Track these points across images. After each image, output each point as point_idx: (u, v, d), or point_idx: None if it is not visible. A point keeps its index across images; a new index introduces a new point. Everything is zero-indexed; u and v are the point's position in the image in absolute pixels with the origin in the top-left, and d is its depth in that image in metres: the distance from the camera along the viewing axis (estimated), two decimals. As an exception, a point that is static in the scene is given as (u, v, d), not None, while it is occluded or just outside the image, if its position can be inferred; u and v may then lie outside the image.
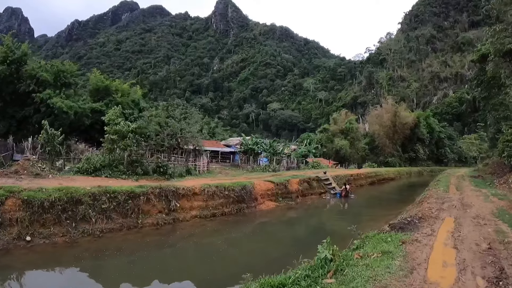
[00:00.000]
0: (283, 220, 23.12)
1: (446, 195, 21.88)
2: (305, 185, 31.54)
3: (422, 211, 15.60)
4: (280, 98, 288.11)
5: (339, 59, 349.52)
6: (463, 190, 25.52)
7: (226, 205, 22.41)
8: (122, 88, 50.63)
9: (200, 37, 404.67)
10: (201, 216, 20.40)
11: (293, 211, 25.62)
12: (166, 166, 29.20)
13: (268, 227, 21.16)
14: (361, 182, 46.40)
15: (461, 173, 52.28)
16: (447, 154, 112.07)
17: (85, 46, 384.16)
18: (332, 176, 37.54)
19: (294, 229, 20.52)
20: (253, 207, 24.18)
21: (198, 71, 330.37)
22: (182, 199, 20.26)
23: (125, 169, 25.84)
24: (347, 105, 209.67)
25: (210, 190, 21.92)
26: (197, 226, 19.18)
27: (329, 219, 24.07)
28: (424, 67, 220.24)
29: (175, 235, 17.63)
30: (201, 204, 21.12)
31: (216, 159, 62.27)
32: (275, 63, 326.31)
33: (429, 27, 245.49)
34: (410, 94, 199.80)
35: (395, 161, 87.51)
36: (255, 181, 26.65)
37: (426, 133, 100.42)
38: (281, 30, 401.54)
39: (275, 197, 26.84)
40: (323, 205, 30.19)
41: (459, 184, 31.60)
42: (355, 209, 28.24)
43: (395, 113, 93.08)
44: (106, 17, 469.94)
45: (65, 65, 48.34)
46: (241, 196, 23.43)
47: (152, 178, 25.81)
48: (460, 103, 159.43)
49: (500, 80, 40.17)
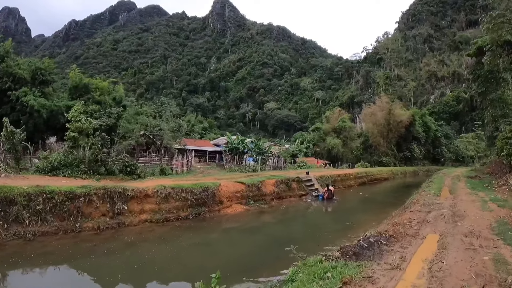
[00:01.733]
0: (246, 228, 20.07)
1: (436, 200, 18.90)
2: (282, 186, 28.64)
3: (396, 226, 12.62)
4: (277, 98, 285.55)
5: (336, 58, 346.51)
6: (457, 193, 22.40)
7: (182, 208, 20.09)
8: (102, 86, 49.32)
9: (197, 36, 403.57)
10: (152, 221, 18.45)
11: (263, 216, 22.72)
12: (134, 165, 27.70)
13: (223, 236, 18.32)
14: (349, 183, 43.39)
15: (457, 173, 49.19)
16: (444, 154, 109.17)
17: (82, 46, 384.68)
18: (316, 176, 34.60)
19: (253, 239, 17.38)
20: (217, 211, 21.59)
21: (195, 71, 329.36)
22: (131, 201, 18.48)
23: (86, 169, 24.42)
24: (344, 105, 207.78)
25: (164, 192, 19.68)
26: (143, 232, 17.17)
27: (299, 227, 20.81)
28: (421, 66, 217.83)
29: (112, 242, 15.48)
30: (153, 207, 19.08)
31: (204, 158, 60.93)
32: (272, 62, 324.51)
33: (426, 26, 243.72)
34: (407, 93, 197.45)
35: (390, 161, 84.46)
36: (223, 182, 24.02)
37: (422, 132, 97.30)
38: (278, 29, 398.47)
39: (246, 199, 24.17)
40: (301, 209, 26.91)
41: (453, 186, 28.48)
42: (335, 214, 25.49)
43: (389, 111, 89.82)
44: (103, 17, 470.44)
45: (44, 62, 47.32)
46: (201, 198, 20.92)
47: (117, 178, 24.66)
48: (457, 102, 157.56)
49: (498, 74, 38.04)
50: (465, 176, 39.74)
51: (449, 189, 25.72)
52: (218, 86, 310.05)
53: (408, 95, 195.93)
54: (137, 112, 45.33)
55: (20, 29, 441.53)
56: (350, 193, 37.92)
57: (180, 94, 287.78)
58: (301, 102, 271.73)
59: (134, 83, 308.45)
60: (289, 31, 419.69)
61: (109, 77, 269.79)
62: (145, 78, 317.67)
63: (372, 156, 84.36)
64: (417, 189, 28.52)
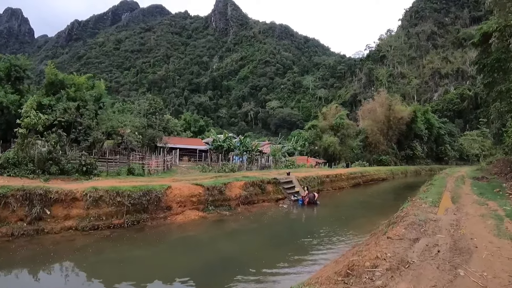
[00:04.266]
0: (189, 242, 15.88)
1: (432, 215, 13.01)
2: (252, 189, 24.58)
3: (348, 278, 7.25)
4: (279, 96, 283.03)
5: (339, 56, 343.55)
6: (461, 202, 16.87)
7: (117, 215, 17.08)
8: (78, 82, 47.11)
9: (200, 35, 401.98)
10: (78, 228, 16.01)
11: (220, 226, 18.93)
12: (91, 164, 24.89)
13: (153, 252, 14.24)
14: (340, 184, 39.50)
15: (461, 173, 44.73)
16: (448, 152, 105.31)
17: (84, 46, 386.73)
18: (300, 178, 30.84)
19: (190, 258, 13.35)
20: (162, 219, 18.22)
21: (197, 70, 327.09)
22: (55, 205, 16.23)
23: (35, 168, 22.32)
24: (347, 103, 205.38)
25: (95, 195, 16.70)
26: (62, 242, 14.63)
27: (254, 242, 16.23)
28: (424, 63, 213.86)
29: (19, 253, 13.14)
30: (81, 213, 16.57)
31: (194, 157, 57.78)
32: (275, 61, 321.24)
33: (429, 23, 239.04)
34: (411, 91, 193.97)
35: (390, 160, 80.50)
36: (176, 184, 20.55)
37: (425, 129, 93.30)
38: (281, 28, 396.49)
39: (204, 205, 20.56)
40: (271, 216, 22.29)
41: (456, 190, 22.96)
42: (310, 224, 21.04)
43: (389, 107, 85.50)
44: (106, 17, 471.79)
45: (19, 59, 47.59)
46: (141, 204, 17.68)
47: (71, 179, 22.36)
48: (461, 100, 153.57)
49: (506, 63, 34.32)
50: (470, 177, 35.23)
51: (451, 195, 20.13)
52: (220, 85, 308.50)
53: (411, 92, 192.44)
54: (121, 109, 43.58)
55: (23, 30, 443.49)
56: (339, 197, 33.93)
57: (182, 93, 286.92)
58: (304, 101, 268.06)
59: (136, 83, 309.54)
60: (292, 29, 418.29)
61: (111, 77, 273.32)
62: (148, 77, 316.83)
63: (372, 155, 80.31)
64: (412, 195, 22.59)
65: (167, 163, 38.98)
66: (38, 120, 24.51)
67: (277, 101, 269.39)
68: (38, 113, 25.11)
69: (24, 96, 42.46)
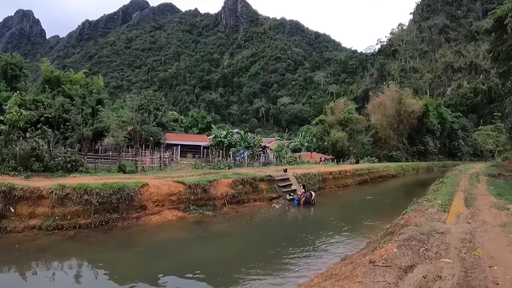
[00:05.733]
0: (156, 246, 14.14)
1: (438, 227, 9.96)
2: (241, 188, 22.62)
3: None
4: (290, 93, 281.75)
5: (351, 51, 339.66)
6: (476, 206, 14.17)
7: (84, 214, 15.87)
8: (75, 78, 46.98)
9: (210, 33, 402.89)
10: (42, 228, 14.97)
11: (199, 228, 17.07)
12: (76, 161, 24.09)
13: (112, 259, 12.67)
14: (345, 181, 37.33)
15: (476, 169, 42.59)
16: (461, 147, 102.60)
17: (95, 45, 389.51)
18: (298, 175, 28.82)
19: (143, 269, 11.53)
20: (135, 219, 16.85)
21: (208, 67, 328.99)
22: (20, 203, 15.39)
23: (17, 165, 21.77)
24: (359, 98, 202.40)
25: (60, 193, 15.63)
26: (21, 242, 13.57)
27: (226, 251, 13.84)
28: (437, 57, 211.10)
29: None
30: (46, 211, 15.49)
31: (199, 154, 57.06)
32: (286, 57, 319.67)
33: (441, 17, 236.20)
34: (423, 86, 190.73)
35: (401, 155, 78.10)
36: (154, 182, 19.10)
37: (437, 124, 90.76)
38: (291, 24, 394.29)
39: (185, 204, 18.98)
40: (259, 218, 20.10)
41: (471, 190, 20.19)
42: (298, 228, 18.29)
43: (399, 100, 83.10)
44: (116, 16, 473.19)
45: (14, 57, 48.40)
46: (110, 203, 16.36)
47: (54, 175, 21.40)
48: (475, 94, 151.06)
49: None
50: (485, 174, 33.15)
51: (464, 196, 17.50)
52: (231, 82, 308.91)
53: (424, 87, 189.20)
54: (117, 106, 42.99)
55: (35, 31, 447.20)
56: (341, 195, 31.83)
57: (193, 91, 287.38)
58: (315, 97, 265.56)
59: (147, 81, 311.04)
60: (302, 25, 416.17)
61: (123, 75, 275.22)
62: (159, 75, 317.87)
63: (382, 151, 78.30)
64: (421, 194, 20.53)
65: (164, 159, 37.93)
66: (20, 116, 23.65)
67: (288, 97, 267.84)
68: (20, 109, 24.24)
69: (20, 93, 41.45)
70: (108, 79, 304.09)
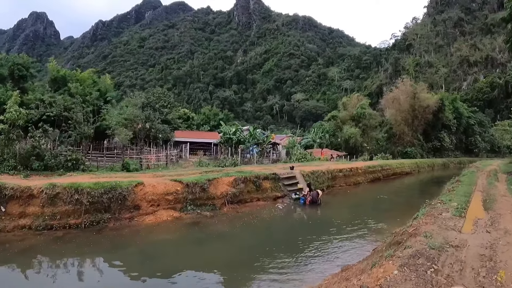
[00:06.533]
0: (140, 249, 13.32)
1: (452, 237, 8.58)
2: (243, 186, 21.49)
3: None
4: (304, 89, 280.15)
5: (365, 47, 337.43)
6: (496, 210, 12.66)
7: (74, 214, 15.37)
8: (81, 77, 47.79)
9: (223, 30, 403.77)
10: (32, 227, 14.68)
11: (192, 230, 16.09)
12: (77, 160, 24.06)
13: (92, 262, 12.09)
14: (356, 179, 35.89)
15: (493, 166, 41.08)
16: (478, 143, 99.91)
17: (109, 45, 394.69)
18: (306, 172, 27.59)
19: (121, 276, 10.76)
20: (128, 219, 16.16)
21: (222, 65, 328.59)
22: (11, 202, 15.22)
23: (16, 164, 21.91)
24: (373, 94, 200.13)
25: (51, 193, 15.23)
26: (11, 241, 13.45)
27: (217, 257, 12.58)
28: (452, 51, 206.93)
29: None
30: (37, 211, 15.19)
31: (210, 151, 57.70)
32: (299, 53, 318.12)
33: (456, 10, 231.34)
34: (439, 80, 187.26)
35: (416, 152, 75.93)
36: (150, 180, 18.37)
37: (453, 119, 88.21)
38: (304, 19, 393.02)
39: (182, 204, 18.16)
40: (260, 218, 18.79)
41: (489, 190, 18.47)
42: (299, 232, 16.75)
43: (413, 95, 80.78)
44: (129, 16, 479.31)
45: (22, 57, 48.17)
46: (101, 202, 15.80)
47: (54, 174, 21.29)
48: (491, 88, 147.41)
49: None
50: (504, 172, 31.77)
51: (482, 197, 15.99)
52: (245, 79, 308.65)
53: (439, 82, 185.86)
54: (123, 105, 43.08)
55: (49, 33, 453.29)
56: (351, 194, 30.32)
57: (207, 88, 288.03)
58: (329, 93, 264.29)
59: (161, 79, 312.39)
60: (315, 20, 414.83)
61: (136, 74, 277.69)
62: (172, 73, 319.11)
63: (396, 147, 76.51)
64: (436, 193, 19.38)
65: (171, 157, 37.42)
66: (19, 115, 23.52)
67: (302, 94, 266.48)
68: (19, 108, 24.18)
69: (27, 93, 41.86)
70: (122, 78, 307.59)
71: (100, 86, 47.68)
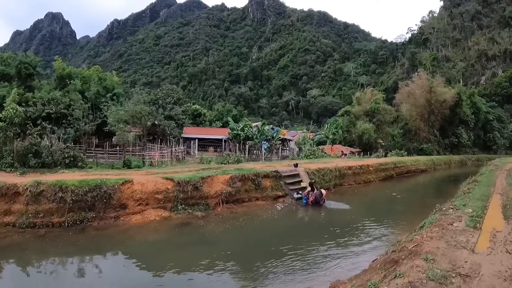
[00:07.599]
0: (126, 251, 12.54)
1: (461, 259, 6.70)
2: (240, 185, 20.21)
3: None
4: (320, 85, 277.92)
5: (381, 41, 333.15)
6: None
7: (57, 212, 14.97)
8: (87, 75, 48.13)
9: (238, 27, 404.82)
10: (15, 225, 14.60)
11: (179, 232, 15.07)
12: (74, 157, 24.16)
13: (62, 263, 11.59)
14: (367, 177, 34.13)
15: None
16: (497, 140, 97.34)
17: (125, 43, 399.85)
18: (312, 170, 25.99)
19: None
20: (113, 219, 15.51)
21: (237, 61, 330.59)
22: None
23: (13, 161, 22.08)
24: (390, 89, 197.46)
25: (35, 190, 15.00)
26: None
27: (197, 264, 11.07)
28: (470, 45, 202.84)
29: None
30: (21, 209, 15.04)
31: (220, 147, 56.94)
32: (314, 49, 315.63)
33: (473, 3, 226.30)
34: (456, 75, 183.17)
35: (432, 148, 73.38)
36: (138, 178, 17.50)
37: (471, 114, 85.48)
38: (319, 15, 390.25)
39: (173, 203, 17.17)
40: (256, 220, 17.59)
41: (510, 193, 16.00)
42: (293, 237, 14.82)
43: (429, 89, 77.96)
44: (144, 14, 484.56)
45: (28, 56, 48.78)
46: (86, 200, 15.25)
47: (52, 171, 21.28)
48: (510, 83, 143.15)
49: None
50: None
51: (502, 201, 13.89)
52: (260, 75, 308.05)
53: (457, 76, 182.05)
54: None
55: (65, 33, 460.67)
56: (360, 193, 28.49)
57: (222, 85, 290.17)
58: (345, 88, 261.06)
59: (177, 76, 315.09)
60: (331, 16, 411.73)
61: (152, 72, 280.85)
62: (188, 70, 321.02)
63: (412, 143, 74.57)
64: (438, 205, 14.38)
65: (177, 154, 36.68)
66: (15, 112, 23.73)
67: (318, 90, 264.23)
68: (15, 106, 24.43)
69: (34, 92, 41.84)
70: (138, 76, 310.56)
71: (107, 83, 47.70)
